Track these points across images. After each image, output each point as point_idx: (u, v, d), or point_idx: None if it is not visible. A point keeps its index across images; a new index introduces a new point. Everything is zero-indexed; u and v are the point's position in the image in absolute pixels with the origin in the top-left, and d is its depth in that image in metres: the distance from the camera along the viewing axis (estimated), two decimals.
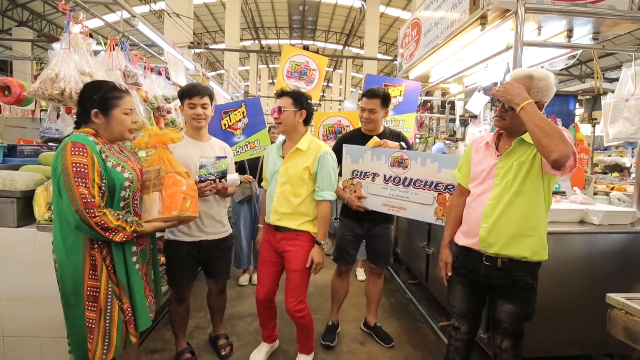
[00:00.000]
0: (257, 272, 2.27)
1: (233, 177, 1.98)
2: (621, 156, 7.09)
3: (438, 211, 2.01)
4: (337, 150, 2.23)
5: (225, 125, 3.07)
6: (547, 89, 1.42)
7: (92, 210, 1.27)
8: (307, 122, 1.99)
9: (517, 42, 1.93)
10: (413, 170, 2.06)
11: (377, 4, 14.20)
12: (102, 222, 1.29)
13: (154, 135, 1.59)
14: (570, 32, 2.21)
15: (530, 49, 2.39)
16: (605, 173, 6.69)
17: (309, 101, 1.99)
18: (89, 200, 1.27)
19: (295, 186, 1.93)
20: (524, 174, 1.43)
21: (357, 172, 2.24)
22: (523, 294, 1.51)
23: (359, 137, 2.33)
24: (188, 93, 1.94)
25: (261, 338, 2.24)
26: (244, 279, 3.41)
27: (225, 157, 1.95)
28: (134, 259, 1.47)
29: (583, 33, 2.25)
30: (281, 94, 1.96)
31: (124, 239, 1.36)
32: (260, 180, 2.74)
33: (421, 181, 2.04)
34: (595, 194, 3.80)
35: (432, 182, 2.01)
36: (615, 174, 6.68)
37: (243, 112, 3.06)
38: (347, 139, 2.37)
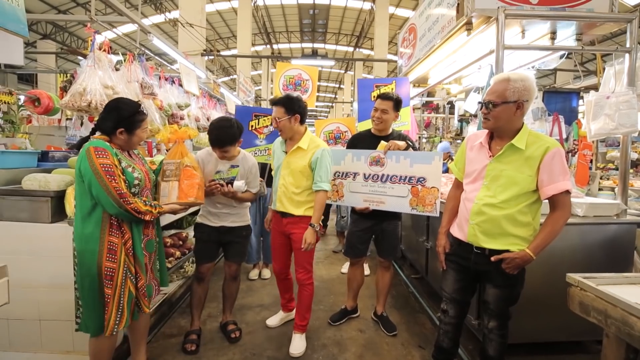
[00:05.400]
0: (271, 255, 2.59)
1: (238, 184, 2.18)
2: (635, 152, 6.96)
3: (412, 202, 2.25)
4: (349, 146, 2.62)
5: (252, 126, 3.37)
6: (525, 88, 1.54)
7: (127, 199, 1.58)
8: (302, 121, 2.23)
9: (498, 45, 2.07)
10: (389, 167, 2.30)
11: (386, 6, 14.31)
12: (136, 207, 1.61)
13: (174, 132, 1.89)
14: (553, 34, 2.32)
15: (517, 51, 2.51)
16: (618, 169, 6.56)
17: (299, 103, 2.20)
18: (122, 191, 1.56)
19: (296, 179, 2.22)
20: (515, 191, 1.56)
21: (339, 173, 2.48)
22: (508, 279, 1.63)
23: (368, 137, 2.55)
24: (213, 142, 2.13)
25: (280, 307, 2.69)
26: (253, 274, 3.61)
27: (237, 166, 2.21)
28: (142, 245, 1.75)
29: (567, 34, 2.36)
30: (273, 103, 2.21)
31: (151, 218, 1.70)
32: (269, 179, 2.95)
33: (397, 176, 2.28)
34: (600, 189, 3.83)
35: (406, 177, 2.26)
36: (629, 170, 6.54)
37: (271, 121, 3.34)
38: (358, 138, 2.65)
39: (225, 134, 2.11)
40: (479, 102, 1.68)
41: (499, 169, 1.60)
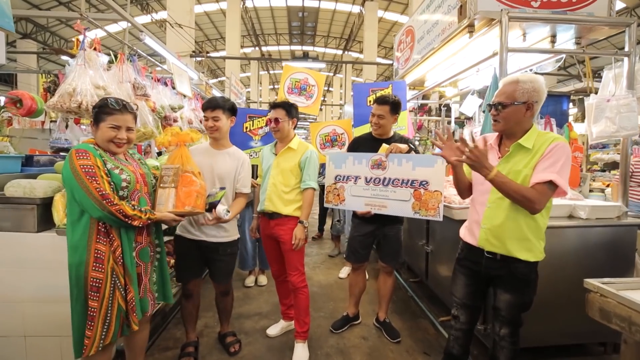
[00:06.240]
0: (267, 259, 2.53)
1: (219, 209, 1.90)
2: (619, 154, 7.15)
3: (415, 206, 2.19)
4: (350, 149, 2.63)
5: (247, 128, 3.28)
6: (534, 89, 1.52)
7: (110, 200, 1.44)
8: (295, 127, 2.37)
9: (502, 48, 2.06)
10: (391, 170, 2.26)
11: (375, 9, 14.44)
12: (121, 210, 1.47)
13: (175, 134, 1.77)
14: (553, 37, 2.33)
15: (517, 54, 2.51)
16: (603, 171, 6.74)
17: (297, 111, 2.36)
18: (104, 192, 1.44)
19: (286, 177, 2.26)
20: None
21: (340, 176, 2.44)
22: (520, 285, 1.60)
23: (369, 140, 2.52)
24: (203, 106, 2.11)
25: (280, 315, 2.66)
26: (249, 281, 3.51)
27: (224, 188, 2.02)
28: (133, 254, 1.61)
29: (566, 38, 2.37)
30: (275, 105, 2.28)
31: (140, 224, 1.56)
32: None
33: (399, 180, 2.23)
34: (591, 191, 3.88)
35: (408, 180, 2.21)
36: (614, 172, 6.72)
37: (266, 121, 3.28)
38: (359, 141, 2.61)
39: (217, 99, 2.13)
40: (488, 104, 1.65)
41: (506, 169, 1.57)
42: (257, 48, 20.47)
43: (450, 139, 1.65)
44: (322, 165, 4.54)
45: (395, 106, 2.40)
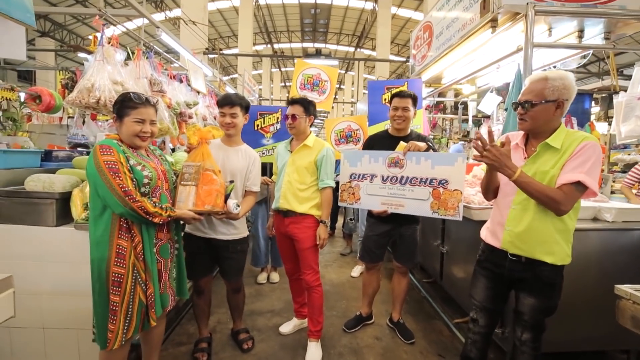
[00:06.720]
0: (281, 257, 2.52)
1: (229, 203, 1.88)
2: None
3: (434, 205, 2.11)
4: (365, 147, 2.59)
5: (258, 125, 3.28)
6: (565, 87, 1.44)
7: (132, 197, 1.45)
8: (311, 125, 2.36)
9: (527, 43, 1.98)
10: (409, 169, 2.19)
11: (388, 6, 14.26)
12: (143, 206, 1.48)
13: (196, 131, 1.78)
14: (581, 32, 2.24)
15: (542, 49, 2.42)
16: (624, 172, 6.52)
17: (315, 108, 2.35)
18: (126, 188, 1.44)
19: (301, 175, 2.25)
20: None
21: (355, 175, 2.38)
22: (546, 288, 1.54)
23: (385, 138, 2.48)
24: (220, 102, 2.10)
25: (293, 313, 2.64)
26: (262, 277, 3.51)
27: (233, 181, 2.02)
28: (154, 249, 1.62)
29: (594, 33, 2.27)
30: (293, 102, 2.27)
31: (161, 221, 1.56)
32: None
33: (417, 178, 2.16)
34: (612, 192, 3.75)
35: (427, 179, 2.14)
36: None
37: (277, 118, 3.27)
38: (375, 139, 2.56)
39: (233, 96, 2.13)
40: (514, 103, 1.59)
41: (533, 169, 1.51)
42: (269, 45, 20.48)
43: (492, 142, 1.48)
44: (337, 162, 4.52)
45: (415, 99, 2.38)
